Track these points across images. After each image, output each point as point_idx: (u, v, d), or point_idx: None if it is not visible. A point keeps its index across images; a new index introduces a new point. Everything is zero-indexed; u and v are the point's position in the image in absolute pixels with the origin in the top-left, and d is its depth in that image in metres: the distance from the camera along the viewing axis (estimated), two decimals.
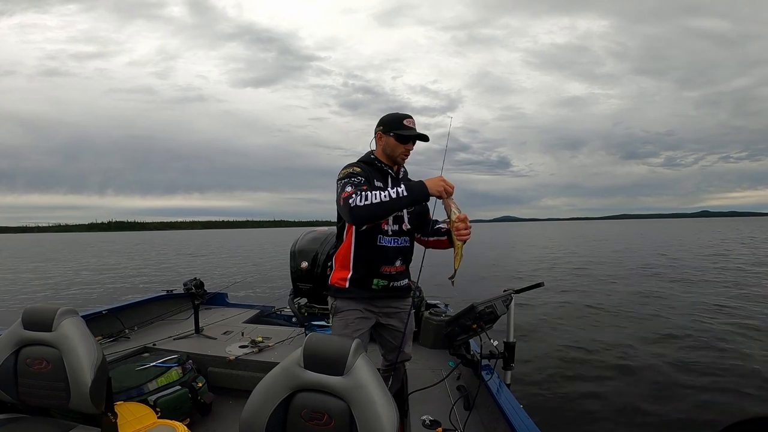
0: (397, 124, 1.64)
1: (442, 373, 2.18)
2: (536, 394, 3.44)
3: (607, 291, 8.14)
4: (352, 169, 1.59)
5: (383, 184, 1.65)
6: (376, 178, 1.64)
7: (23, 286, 11.69)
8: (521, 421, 1.40)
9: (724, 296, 7.33)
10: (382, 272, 1.65)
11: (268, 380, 1.05)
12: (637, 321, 5.80)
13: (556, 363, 4.21)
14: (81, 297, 9.62)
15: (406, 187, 1.41)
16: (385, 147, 1.67)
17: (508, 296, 1.79)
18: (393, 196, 1.38)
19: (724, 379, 3.69)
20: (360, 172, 1.57)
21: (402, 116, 1.66)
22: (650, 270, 11.38)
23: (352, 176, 1.55)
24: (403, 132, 1.63)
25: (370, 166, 1.67)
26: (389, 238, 1.65)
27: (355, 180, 1.52)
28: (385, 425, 0.95)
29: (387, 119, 1.67)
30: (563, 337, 5.07)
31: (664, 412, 3.17)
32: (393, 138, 1.63)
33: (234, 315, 3.44)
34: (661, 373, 3.88)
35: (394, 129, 1.63)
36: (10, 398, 1.41)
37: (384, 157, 1.69)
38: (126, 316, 2.97)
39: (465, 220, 1.48)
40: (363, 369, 1.01)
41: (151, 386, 2.02)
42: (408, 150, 1.68)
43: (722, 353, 4.33)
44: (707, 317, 5.83)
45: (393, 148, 1.65)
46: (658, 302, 6.94)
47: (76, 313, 1.49)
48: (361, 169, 1.61)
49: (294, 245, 3.17)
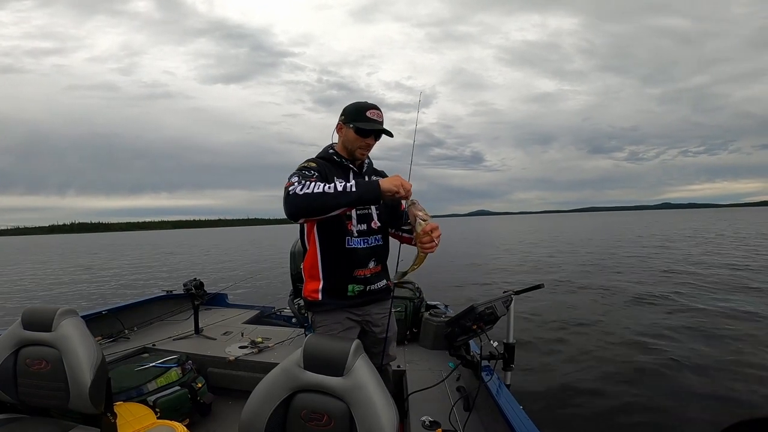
0: (359, 114, 1.46)
1: (442, 373, 2.18)
2: (536, 394, 3.44)
3: (607, 290, 8.13)
4: (307, 164, 1.46)
5: (345, 180, 1.45)
6: (335, 174, 1.48)
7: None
8: (521, 422, 1.40)
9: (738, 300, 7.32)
10: (356, 276, 1.51)
11: (267, 381, 1.05)
12: (637, 321, 5.79)
13: (557, 363, 4.21)
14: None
15: (356, 182, 1.27)
16: (345, 140, 1.51)
17: (508, 297, 1.79)
18: (338, 189, 1.24)
19: (724, 380, 3.68)
20: (314, 167, 1.43)
21: (366, 106, 1.47)
22: (649, 268, 11.38)
23: (303, 169, 1.41)
24: (363, 125, 1.45)
25: (328, 162, 1.51)
26: (358, 239, 1.50)
27: (306, 173, 1.38)
28: (385, 426, 0.95)
29: (349, 108, 1.49)
30: (563, 337, 5.07)
31: (664, 412, 3.17)
32: (352, 130, 1.46)
33: (234, 315, 3.44)
34: (661, 372, 3.88)
35: (354, 120, 1.46)
36: (10, 398, 1.41)
37: (344, 150, 1.54)
38: (126, 317, 2.97)
39: (431, 231, 1.29)
40: (363, 370, 1.01)
41: (151, 386, 2.02)
42: (368, 145, 1.50)
43: (722, 354, 4.33)
44: (714, 317, 5.83)
45: (352, 141, 1.49)
46: (658, 301, 6.93)
47: (76, 314, 1.50)
48: (316, 164, 1.46)
49: (294, 246, 3.17)
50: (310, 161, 1.48)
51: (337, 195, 1.24)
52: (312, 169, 1.42)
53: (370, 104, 1.48)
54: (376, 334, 1.66)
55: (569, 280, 9.29)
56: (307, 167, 1.42)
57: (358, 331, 1.60)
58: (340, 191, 1.24)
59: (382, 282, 1.62)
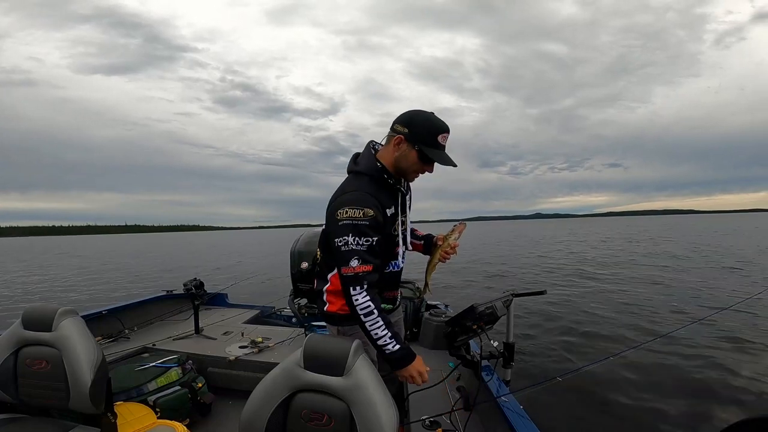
0: (431, 137, 1.22)
1: (442, 373, 2.18)
2: (536, 394, 3.43)
3: (606, 289, 8.14)
4: (363, 213, 1.18)
5: (394, 208, 1.31)
6: (387, 204, 1.28)
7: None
8: (521, 422, 1.40)
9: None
10: (386, 297, 1.42)
11: (267, 381, 1.05)
12: (636, 320, 5.79)
13: (557, 363, 4.22)
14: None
15: (400, 348, 1.21)
16: (402, 158, 1.27)
17: (508, 297, 1.79)
18: (386, 342, 1.19)
19: (725, 379, 3.68)
20: (373, 219, 1.19)
21: (440, 128, 1.23)
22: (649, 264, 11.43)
23: (361, 234, 1.17)
24: (434, 153, 1.23)
25: (378, 184, 1.28)
26: (396, 262, 1.40)
27: (363, 246, 1.18)
28: (385, 426, 0.95)
29: (418, 123, 1.23)
30: (564, 338, 5.07)
31: (664, 411, 3.16)
32: (416, 152, 1.24)
33: (234, 315, 3.44)
34: (662, 371, 3.88)
35: (424, 142, 1.22)
36: (10, 398, 1.41)
37: (393, 168, 1.30)
38: (126, 317, 2.97)
39: (455, 248, 1.45)
40: (363, 370, 1.01)
41: (151, 386, 2.02)
42: (426, 171, 1.32)
43: (724, 353, 4.33)
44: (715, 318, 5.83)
45: (411, 163, 1.26)
46: (658, 300, 6.93)
47: (76, 314, 1.50)
48: (375, 211, 1.20)
49: (294, 246, 3.17)
50: (366, 207, 1.19)
51: (377, 344, 1.21)
52: (369, 230, 1.19)
53: (444, 125, 1.24)
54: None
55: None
56: (362, 226, 1.18)
57: None
58: (381, 345, 1.20)
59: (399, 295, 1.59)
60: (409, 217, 1.44)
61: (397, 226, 1.35)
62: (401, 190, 1.35)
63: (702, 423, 2.99)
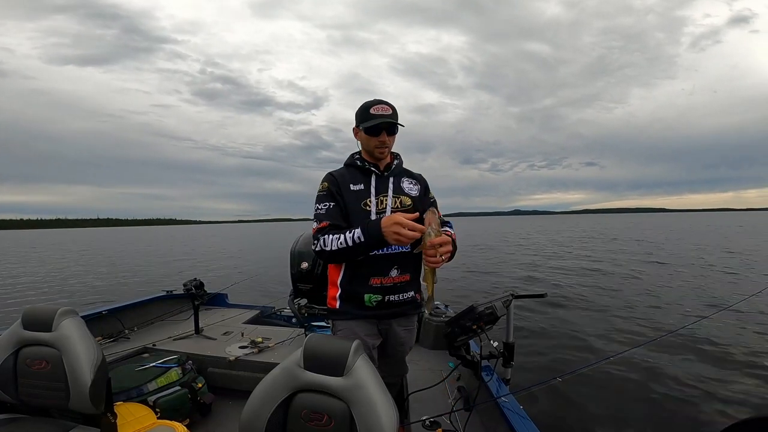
0: (365, 113, 1.42)
1: (442, 373, 2.18)
2: (536, 394, 3.43)
3: (605, 289, 8.13)
4: (322, 186, 1.44)
5: (364, 185, 1.45)
6: (353, 181, 1.45)
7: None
8: (521, 422, 1.40)
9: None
10: (372, 285, 1.39)
11: (267, 381, 1.05)
12: (636, 320, 5.79)
13: (557, 364, 4.21)
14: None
15: (363, 233, 1.25)
16: (362, 143, 1.49)
17: (508, 297, 1.80)
18: (349, 243, 1.27)
19: (725, 380, 3.68)
20: (327, 189, 1.43)
21: (370, 104, 1.43)
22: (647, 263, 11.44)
23: (320, 201, 1.42)
24: (369, 123, 1.40)
25: (351, 168, 1.50)
26: None
27: (321, 209, 1.40)
28: (385, 426, 0.95)
29: (359, 111, 1.46)
30: (564, 338, 5.07)
31: (664, 411, 3.17)
32: (363, 131, 1.43)
33: (234, 315, 3.44)
34: (662, 371, 3.88)
35: (362, 121, 1.43)
36: (10, 398, 1.41)
37: (366, 154, 1.50)
38: (126, 317, 2.97)
39: (437, 246, 1.16)
40: (363, 370, 1.01)
41: (151, 387, 2.02)
42: (383, 142, 1.42)
43: (724, 353, 4.33)
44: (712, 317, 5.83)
45: (366, 143, 1.46)
46: (659, 300, 6.93)
47: (76, 314, 1.50)
48: (329, 183, 1.44)
49: (294, 246, 3.17)
50: (324, 181, 1.46)
51: (355, 249, 1.28)
52: (325, 197, 1.42)
53: (375, 100, 1.44)
54: (397, 354, 1.58)
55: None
56: (321, 195, 1.43)
57: (377, 343, 1.49)
58: (351, 246, 1.28)
59: (407, 293, 1.46)
60: (404, 200, 1.50)
61: (368, 202, 1.44)
62: (374, 171, 1.48)
63: (702, 423, 2.99)
